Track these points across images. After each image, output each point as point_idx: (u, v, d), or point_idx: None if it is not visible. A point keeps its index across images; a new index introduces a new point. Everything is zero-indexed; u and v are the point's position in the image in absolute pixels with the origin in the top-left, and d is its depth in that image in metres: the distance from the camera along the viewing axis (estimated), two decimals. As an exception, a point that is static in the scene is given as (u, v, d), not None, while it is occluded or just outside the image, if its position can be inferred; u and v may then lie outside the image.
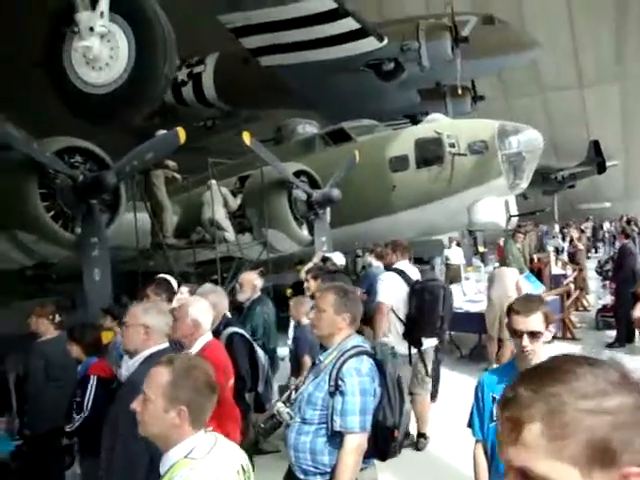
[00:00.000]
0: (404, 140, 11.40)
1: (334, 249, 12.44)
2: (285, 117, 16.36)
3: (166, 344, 3.14)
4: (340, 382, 2.76)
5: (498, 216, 10.88)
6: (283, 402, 3.11)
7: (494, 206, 10.82)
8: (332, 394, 2.78)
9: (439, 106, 20.30)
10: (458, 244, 14.93)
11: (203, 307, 3.77)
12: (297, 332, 5.51)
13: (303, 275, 6.30)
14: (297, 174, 9.97)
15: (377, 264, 7.28)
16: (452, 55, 18.47)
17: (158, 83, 6.44)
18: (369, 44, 17.93)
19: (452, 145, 10.71)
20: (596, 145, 27.87)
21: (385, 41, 17.92)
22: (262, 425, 3.14)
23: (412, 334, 5.58)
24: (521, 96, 30.07)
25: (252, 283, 5.82)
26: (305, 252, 10.24)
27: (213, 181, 9.77)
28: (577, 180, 29.72)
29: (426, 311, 5.43)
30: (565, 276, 12.80)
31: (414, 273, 5.76)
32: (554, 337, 10.02)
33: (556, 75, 28.72)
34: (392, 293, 5.45)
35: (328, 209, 10.37)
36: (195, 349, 3.59)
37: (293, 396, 3.06)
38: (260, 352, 4.77)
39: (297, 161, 12.07)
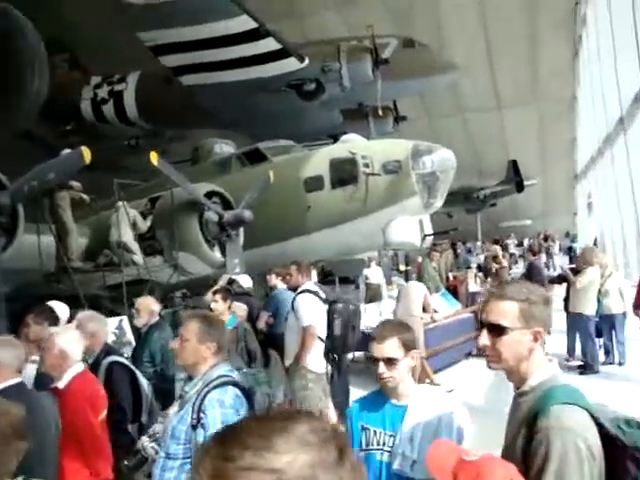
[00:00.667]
0: (319, 160, 11.33)
1: (249, 271, 12.27)
2: (210, 136, 16.10)
3: (18, 379, 3.02)
4: (202, 415, 2.61)
5: (413, 235, 10.93)
6: (148, 436, 2.89)
7: (408, 225, 10.86)
8: (194, 427, 2.61)
9: (362, 126, 20.51)
10: (378, 263, 14.93)
11: (72, 337, 3.58)
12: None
13: (210, 297, 6.11)
14: (209, 195, 9.72)
15: (282, 286, 7.08)
16: (373, 76, 18.75)
17: (25, 96, 6.08)
18: (290, 64, 17.99)
19: (366, 165, 10.70)
20: (514, 165, 28.84)
21: (306, 62, 18.03)
22: (126, 462, 2.94)
23: (333, 352, 5.64)
24: (443, 117, 30.82)
25: (149, 308, 5.54)
26: (220, 274, 9.99)
27: (121, 203, 9.39)
28: (498, 198, 30.62)
29: (342, 329, 5.59)
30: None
31: (322, 292, 5.79)
32: (469, 354, 10.15)
33: (475, 97, 29.60)
34: (316, 314, 5.43)
35: (241, 230, 10.15)
36: (64, 381, 3.43)
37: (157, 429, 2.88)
38: (143, 381, 4.49)
39: (213, 181, 11.83)
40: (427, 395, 2.65)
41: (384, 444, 2.51)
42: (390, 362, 2.48)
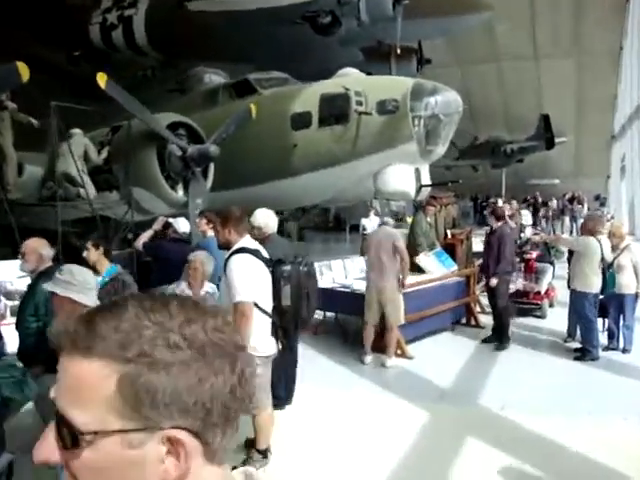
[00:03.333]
0: (309, 95, 10.18)
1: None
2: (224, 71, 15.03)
3: None
4: None
5: (407, 184, 9.80)
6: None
7: (403, 173, 9.73)
8: None
9: (383, 67, 19.11)
10: (377, 213, 13.86)
11: None
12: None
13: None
14: (174, 126, 8.69)
15: (212, 234, 5.75)
16: (393, 12, 17.25)
17: None
18: (304, -7, 16.57)
19: (359, 103, 9.52)
20: (546, 119, 26.96)
21: (322, -9, 16.58)
22: None
23: (284, 329, 4.55)
24: (475, 63, 28.99)
25: (37, 252, 4.57)
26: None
27: (77, 130, 8.45)
28: (526, 154, 28.87)
29: (294, 299, 4.55)
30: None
31: (263, 251, 4.40)
32: (456, 322, 9.14)
33: (512, 44, 27.62)
34: (252, 283, 4.06)
35: (211, 167, 9.17)
36: None
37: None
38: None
39: (200, 113, 10.81)
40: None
41: None
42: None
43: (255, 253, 4.17)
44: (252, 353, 3.22)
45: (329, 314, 8.69)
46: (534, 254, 9.90)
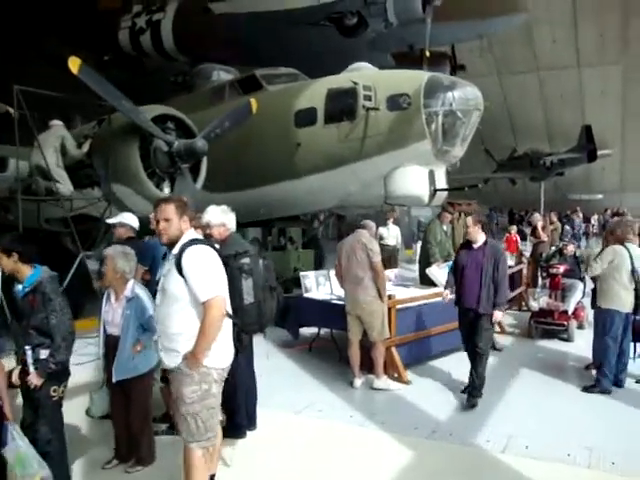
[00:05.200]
0: (315, 90, 9.37)
1: (239, 217, 10.58)
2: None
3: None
4: None
5: (420, 188, 8.84)
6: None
7: (415, 176, 8.78)
8: None
9: (415, 73, 18.27)
10: (396, 222, 12.96)
11: None
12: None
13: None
14: (161, 119, 7.99)
15: None
16: (422, 13, 16.43)
17: None
18: (329, -7, 15.91)
19: (368, 98, 8.65)
20: (588, 131, 25.59)
21: (347, -8, 15.89)
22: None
23: (246, 331, 4.12)
24: (514, 73, 27.89)
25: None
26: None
27: (56, 121, 7.84)
28: (567, 167, 27.48)
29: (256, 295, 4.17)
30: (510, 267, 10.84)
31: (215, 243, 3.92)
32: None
33: (553, 52, 26.45)
34: (219, 277, 3.38)
35: (203, 164, 8.44)
36: None
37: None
38: None
39: (206, 110, 10.18)
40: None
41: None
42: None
43: (210, 245, 3.47)
44: (208, 365, 3.24)
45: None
46: (561, 268, 8.82)
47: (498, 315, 5.77)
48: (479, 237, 5.85)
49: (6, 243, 3.64)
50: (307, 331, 8.07)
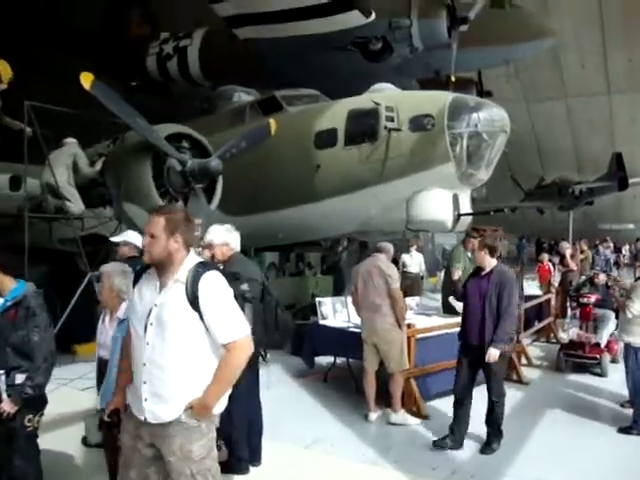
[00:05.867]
0: (336, 111, 9.16)
1: (257, 241, 10.34)
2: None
3: None
4: None
5: (442, 213, 8.51)
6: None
7: (438, 200, 8.46)
8: None
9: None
10: (419, 249, 12.58)
11: None
12: None
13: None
14: (178, 138, 7.83)
15: None
16: (448, 37, 16.28)
17: None
18: (354, 19, 15.77)
19: (390, 119, 8.38)
20: (619, 158, 24.94)
21: (372, 16, 15.75)
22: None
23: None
24: (542, 100, 27.47)
25: None
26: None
27: (70, 139, 7.74)
28: (596, 196, 26.78)
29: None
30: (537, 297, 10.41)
31: None
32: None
33: (582, 78, 26.00)
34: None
35: (219, 185, 8.23)
36: None
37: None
38: None
39: (226, 132, 10.03)
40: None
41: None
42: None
43: (220, 270, 3.01)
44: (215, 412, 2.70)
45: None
46: (593, 298, 8.38)
47: (493, 354, 4.97)
48: (486, 263, 5.25)
49: None
50: (323, 360, 7.74)
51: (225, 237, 4.37)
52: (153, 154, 7.49)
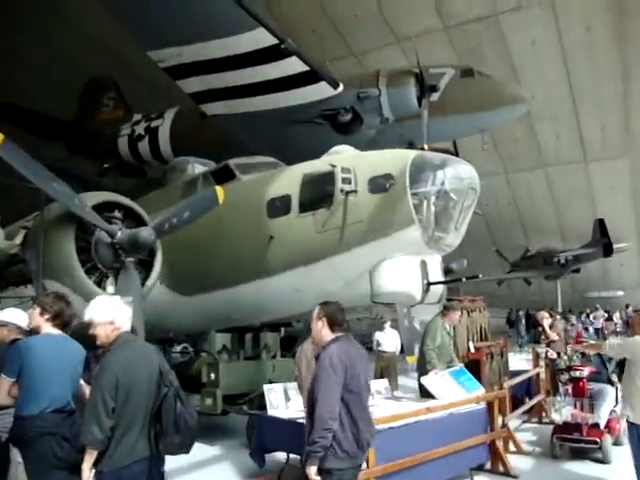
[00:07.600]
0: (290, 177, 8.45)
1: (215, 322, 9.38)
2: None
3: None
4: None
5: (410, 284, 7.60)
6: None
7: (404, 269, 7.58)
8: None
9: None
10: (393, 325, 11.61)
11: None
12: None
13: None
14: (107, 207, 7.01)
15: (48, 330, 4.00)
16: (418, 106, 16.00)
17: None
18: (321, 90, 15.51)
19: (347, 181, 7.63)
20: (601, 224, 24.59)
21: (340, 88, 15.48)
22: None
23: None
24: (521, 171, 27.34)
25: None
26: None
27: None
28: (582, 263, 26.25)
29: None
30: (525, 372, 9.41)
31: None
32: (477, 468, 6.59)
33: (558, 148, 25.98)
34: None
35: (158, 258, 7.34)
36: None
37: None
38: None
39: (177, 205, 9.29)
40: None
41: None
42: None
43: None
44: None
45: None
46: (585, 370, 7.40)
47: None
48: (323, 337, 3.98)
49: None
50: (277, 456, 6.63)
51: (109, 314, 3.44)
52: (78, 225, 6.65)
